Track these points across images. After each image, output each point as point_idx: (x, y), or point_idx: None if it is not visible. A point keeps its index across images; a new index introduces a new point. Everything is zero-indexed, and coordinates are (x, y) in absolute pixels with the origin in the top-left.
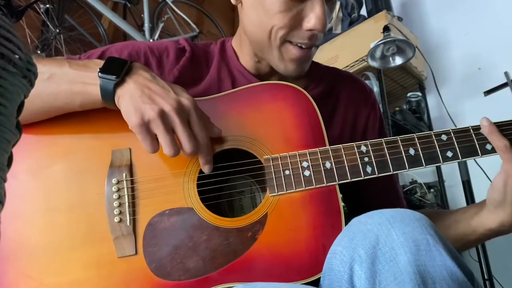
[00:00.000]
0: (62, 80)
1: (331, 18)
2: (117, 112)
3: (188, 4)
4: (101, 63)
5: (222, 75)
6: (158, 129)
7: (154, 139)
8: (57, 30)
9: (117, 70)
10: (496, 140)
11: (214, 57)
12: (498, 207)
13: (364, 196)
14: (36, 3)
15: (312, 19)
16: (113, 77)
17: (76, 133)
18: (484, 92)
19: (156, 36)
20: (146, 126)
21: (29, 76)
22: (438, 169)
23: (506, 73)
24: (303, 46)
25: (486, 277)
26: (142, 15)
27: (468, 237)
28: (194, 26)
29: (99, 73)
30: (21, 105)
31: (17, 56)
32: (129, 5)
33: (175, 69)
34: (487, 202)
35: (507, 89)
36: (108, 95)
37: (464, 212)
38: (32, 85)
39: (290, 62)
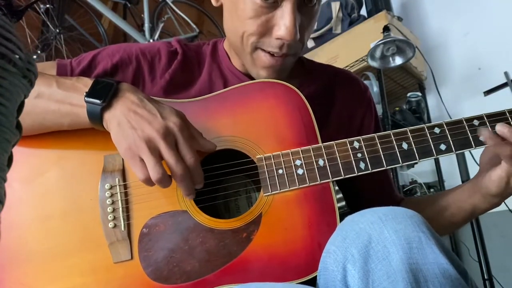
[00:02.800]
0: (50, 100)
1: (311, 24)
2: None
3: (188, 4)
4: (89, 83)
5: (214, 77)
6: (144, 155)
7: (143, 165)
8: (57, 30)
9: (103, 93)
10: (501, 149)
11: (206, 59)
12: (496, 196)
13: (358, 190)
14: (36, 3)
15: (280, 29)
16: (99, 101)
17: (68, 139)
18: (484, 92)
19: (156, 36)
20: (133, 152)
21: (29, 76)
22: (438, 169)
23: (506, 73)
24: (275, 55)
25: (486, 277)
26: (142, 15)
27: (464, 219)
28: (194, 26)
29: (85, 98)
30: (21, 105)
31: (17, 56)
32: (129, 5)
33: (167, 73)
34: (483, 191)
35: (507, 89)
36: (96, 119)
37: (456, 195)
38: (32, 85)
39: (261, 69)
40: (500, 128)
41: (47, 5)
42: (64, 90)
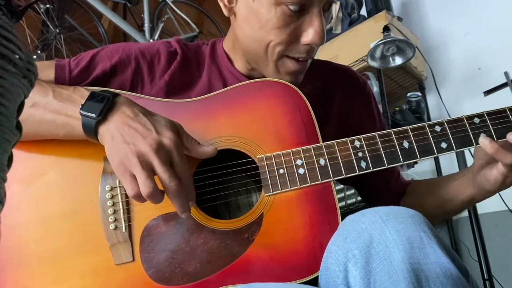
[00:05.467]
0: (45, 110)
1: (327, 25)
2: None
3: (188, 4)
4: (86, 95)
5: (213, 78)
6: (136, 169)
7: (133, 178)
8: (57, 30)
9: (99, 107)
10: (502, 157)
11: (205, 60)
12: (490, 192)
13: (363, 179)
14: (36, 3)
15: (310, 34)
16: (94, 115)
17: (67, 141)
18: (484, 92)
19: (156, 36)
20: (125, 167)
21: (29, 76)
22: (438, 169)
23: (506, 73)
24: (300, 59)
25: (486, 277)
26: (142, 15)
27: (462, 208)
28: (194, 26)
29: (81, 111)
30: (21, 105)
31: (17, 56)
32: (129, 5)
33: (166, 74)
34: (478, 186)
35: (507, 89)
36: (90, 132)
37: (455, 187)
38: (32, 85)
39: (286, 74)
40: (485, 141)
41: (47, 5)
42: (60, 101)
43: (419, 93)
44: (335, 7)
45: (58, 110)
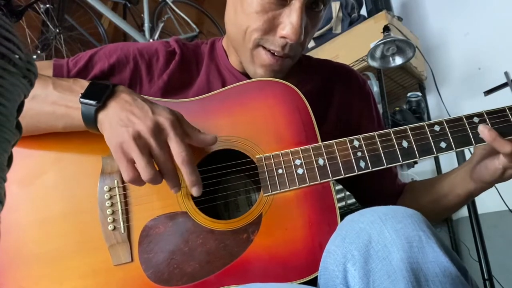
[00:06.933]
0: (45, 102)
1: (314, 29)
2: None
3: (188, 4)
4: (86, 85)
5: (212, 77)
6: (133, 152)
7: (130, 162)
8: (57, 30)
9: (99, 95)
10: (500, 146)
11: (204, 59)
12: (488, 183)
13: (360, 181)
14: (36, 3)
15: (286, 27)
16: (94, 102)
17: (65, 141)
18: (484, 92)
19: (156, 36)
20: (123, 151)
21: (29, 76)
22: (438, 169)
23: (506, 73)
24: (275, 54)
25: (486, 277)
26: (142, 15)
27: (460, 204)
28: (194, 26)
29: (81, 99)
30: (21, 105)
31: (17, 56)
32: (129, 5)
33: (165, 74)
34: (476, 177)
35: (507, 89)
36: (90, 120)
37: (451, 181)
38: (32, 85)
39: (259, 67)
40: (483, 129)
41: (47, 5)
42: (60, 92)
43: (419, 93)
44: (335, 7)
45: (57, 101)
